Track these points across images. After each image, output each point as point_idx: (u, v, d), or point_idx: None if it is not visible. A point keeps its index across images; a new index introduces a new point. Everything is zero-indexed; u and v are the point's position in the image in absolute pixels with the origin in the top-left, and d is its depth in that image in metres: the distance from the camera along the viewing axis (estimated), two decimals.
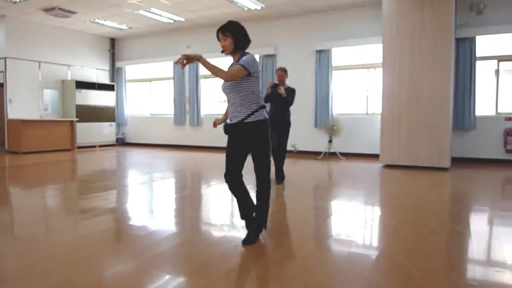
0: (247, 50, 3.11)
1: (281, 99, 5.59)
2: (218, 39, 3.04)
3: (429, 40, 7.16)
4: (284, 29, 10.05)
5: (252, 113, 3.02)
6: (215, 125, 3.37)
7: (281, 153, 5.82)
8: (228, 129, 3.10)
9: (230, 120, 3.11)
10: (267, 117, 3.11)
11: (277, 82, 5.69)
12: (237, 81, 2.97)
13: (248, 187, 3.19)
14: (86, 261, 2.73)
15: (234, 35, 3.01)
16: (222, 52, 3.07)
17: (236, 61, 3.02)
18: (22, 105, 10.54)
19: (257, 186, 3.16)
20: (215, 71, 2.89)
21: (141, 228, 3.55)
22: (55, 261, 2.73)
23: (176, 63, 3.03)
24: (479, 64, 8.05)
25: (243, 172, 3.14)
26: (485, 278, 2.55)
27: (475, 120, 8.01)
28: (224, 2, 8.76)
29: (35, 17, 10.13)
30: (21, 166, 8.00)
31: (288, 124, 5.87)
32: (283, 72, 5.82)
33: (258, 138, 3.06)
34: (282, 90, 5.48)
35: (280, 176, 5.84)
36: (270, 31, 10.21)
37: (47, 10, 9.38)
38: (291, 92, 5.73)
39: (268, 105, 5.81)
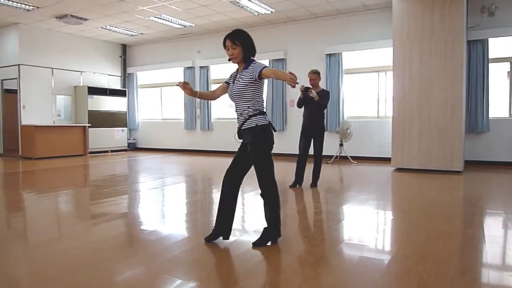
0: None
1: (314, 103, 5.52)
2: (225, 46, 3.05)
3: (440, 42, 7.11)
4: (294, 33, 10.06)
5: (249, 117, 3.05)
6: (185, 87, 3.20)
7: (317, 159, 5.78)
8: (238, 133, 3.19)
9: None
10: (264, 123, 3.08)
11: (308, 85, 5.57)
12: (244, 88, 3.02)
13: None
14: (98, 266, 2.75)
15: (244, 44, 3.03)
16: (229, 60, 3.08)
17: (243, 69, 3.06)
18: (35, 111, 10.71)
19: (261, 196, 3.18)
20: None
21: (153, 233, 3.57)
22: (66, 266, 2.76)
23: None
24: (492, 66, 7.97)
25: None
26: (499, 283, 2.51)
27: (488, 122, 7.91)
28: (234, 8, 8.81)
29: (47, 24, 10.30)
30: (34, 172, 8.11)
31: (322, 128, 5.78)
32: (315, 75, 5.71)
33: (250, 145, 3.08)
34: (313, 93, 5.40)
35: (314, 182, 5.81)
36: (280, 36, 10.23)
37: (60, 17, 9.53)
38: (324, 94, 5.66)
39: (302, 110, 5.84)
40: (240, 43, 3.01)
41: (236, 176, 3.21)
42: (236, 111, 3.16)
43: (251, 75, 3.00)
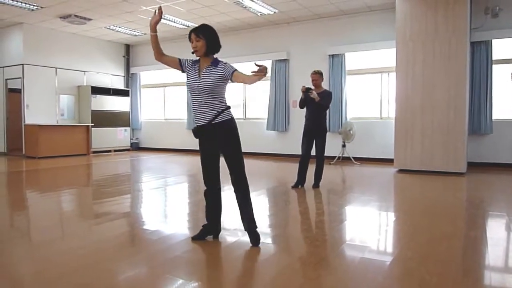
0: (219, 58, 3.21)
1: (316, 104, 5.52)
2: (190, 40, 3.11)
3: (444, 43, 7.10)
4: (297, 34, 10.06)
5: (222, 111, 3.12)
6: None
7: (319, 160, 5.80)
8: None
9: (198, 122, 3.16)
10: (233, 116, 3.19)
11: (309, 86, 5.58)
12: (216, 84, 3.06)
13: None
14: (100, 266, 2.76)
15: (207, 38, 3.07)
16: (193, 53, 3.13)
17: (211, 65, 3.09)
18: (39, 110, 10.75)
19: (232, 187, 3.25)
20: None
21: (155, 233, 3.58)
22: (69, 265, 2.77)
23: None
24: (495, 68, 7.94)
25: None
26: (502, 285, 2.50)
27: (491, 124, 7.88)
28: (238, 8, 8.82)
29: (51, 24, 10.34)
30: (38, 171, 8.14)
31: (324, 129, 5.78)
32: (317, 75, 5.69)
33: (227, 138, 3.15)
34: (314, 94, 5.41)
35: (316, 183, 5.83)
36: (282, 36, 10.24)
37: (64, 17, 9.57)
38: (326, 95, 5.66)
39: (304, 111, 5.85)
40: (203, 37, 3.06)
41: (216, 177, 3.28)
42: (200, 107, 3.09)
43: (223, 74, 3.06)
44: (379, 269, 2.72)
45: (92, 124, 11.39)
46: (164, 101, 12.83)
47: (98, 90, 11.71)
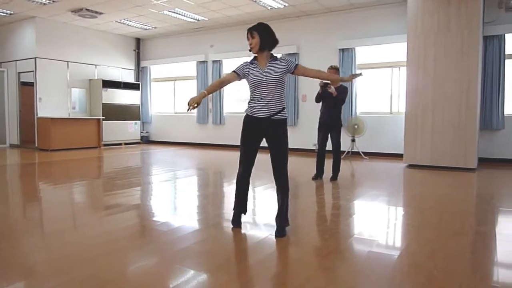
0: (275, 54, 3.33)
1: (332, 98, 5.63)
2: (248, 39, 3.23)
3: (456, 38, 7.02)
4: (307, 28, 10.02)
5: (283, 109, 3.33)
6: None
7: (335, 153, 5.93)
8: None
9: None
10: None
11: (326, 81, 5.64)
12: (281, 77, 3.24)
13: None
14: (111, 256, 2.81)
15: (261, 34, 3.19)
16: (250, 50, 3.26)
17: (271, 61, 3.25)
18: (51, 103, 10.88)
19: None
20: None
21: (165, 224, 3.62)
22: (80, 255, 2.82)
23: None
24: (508, 63, 7.84)
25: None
26: (510, 281, 2.50)
27: (503, 119, 7.80)
28: (247, 2, 8.80)
29: (63, 18, 10.42)
30: (50, 163, 8.25)
31: (339, 123, 5.90)
32: (334, 70, 5.79)
33: (278, 135, 3.38)
34: (332, 89, 5.50)
35: (334, 175, 5.96)
36: (293, 30, 10.19)
37: (75, 11, 9.64)
38: (342, 90, 5.73)
39: (319, 105, 5.98)
40: (257, 33, 3.19)
41: (252, 165, 3.45)
42: (269, 100, 3.21)
43: (287, 67, 3.24)
44: (387, 262, 2.73)
45: (103, 117, 11.49)
46: (174, 94, 12.88)
47: (109, 84, 11.80)
